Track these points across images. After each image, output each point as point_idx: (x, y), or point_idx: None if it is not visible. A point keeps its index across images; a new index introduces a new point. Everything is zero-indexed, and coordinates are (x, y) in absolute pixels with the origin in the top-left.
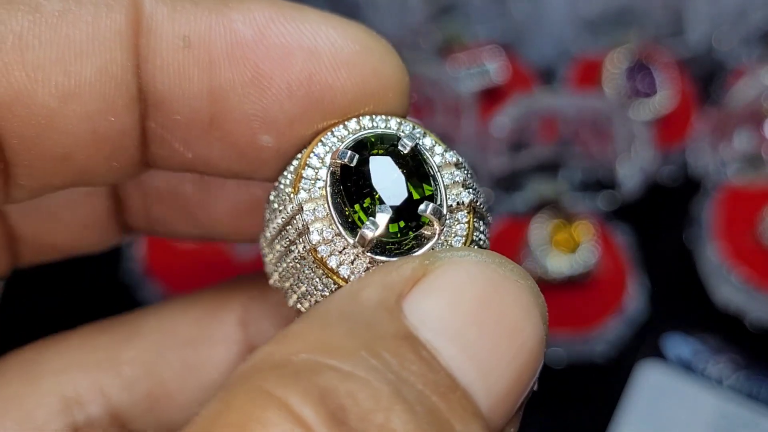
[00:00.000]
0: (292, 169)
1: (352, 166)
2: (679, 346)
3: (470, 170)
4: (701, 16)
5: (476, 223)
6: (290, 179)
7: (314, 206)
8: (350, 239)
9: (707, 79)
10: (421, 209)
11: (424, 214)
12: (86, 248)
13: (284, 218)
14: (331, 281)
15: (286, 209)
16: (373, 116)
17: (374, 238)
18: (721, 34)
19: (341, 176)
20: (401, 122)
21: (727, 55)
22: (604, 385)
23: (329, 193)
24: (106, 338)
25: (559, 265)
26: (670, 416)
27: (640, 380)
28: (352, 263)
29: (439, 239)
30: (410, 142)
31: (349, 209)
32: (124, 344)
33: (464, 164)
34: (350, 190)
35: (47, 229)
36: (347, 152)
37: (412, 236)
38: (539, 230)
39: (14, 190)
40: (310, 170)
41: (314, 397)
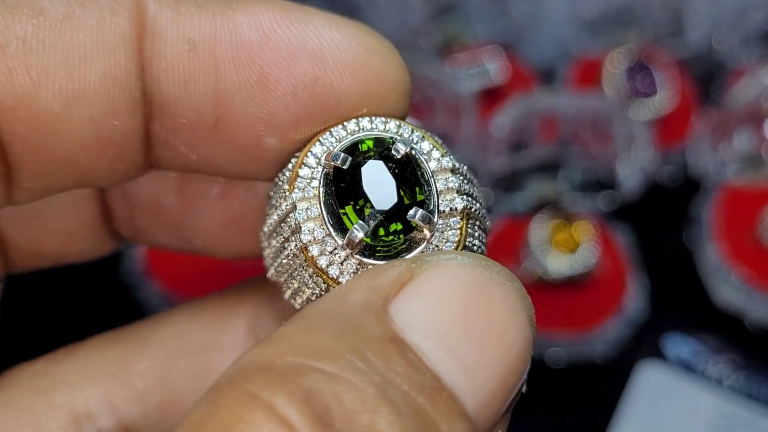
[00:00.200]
0: (290, 166)
1: (344, 168)
2: (679, 346)
3: (469, 176)
4: (701, 16)
5: (470, 229)
6: (288, 177)
7: (307, 205)
8: (340, 240)
9: (707, 79)
10: (409, 215)
11: (412, 219)
12: (76, 256)
13: (279, 215)
14: (320, 280)
15: (281, 206)
16: (372, 118)
17: (361, 241)
18: (721, 34)
19: (334, 178)
20: (400, 125)
21: (727, 55)
22: (604, 385)
23: (322, 193)
24: (116, 350)
25: (559, 265)
26: (670, 416)
27: (640, 380)
28: (341, 264)
29: (429, 244)
30: (403, 146)
31: (340, 211)
32: (135, 356)
33: (461, 170)
34: (342, 192)
35: (37, 234)
36: (340, 155)
37: (402, 240)
38: (539, 230)
39: (17, 192)
40: (306, 169)
41: (299, 398)
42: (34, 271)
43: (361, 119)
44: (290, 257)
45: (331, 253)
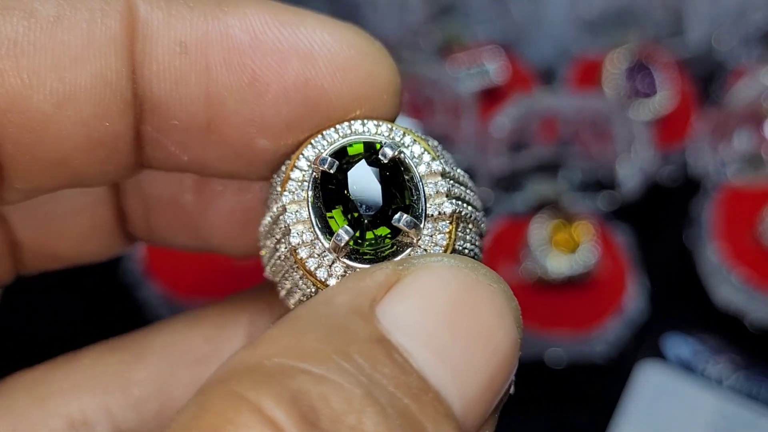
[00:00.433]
0: (284, 168)
1: (331, 173)
2: (678, 346)
3: (462, 179)
4: (701, 16)
5: (461, 232)
6: (281, 178)
7: (297, 208)
8: (327, 244)
9: (707, 79)
10: (394, 219)
11: (397, 224)
12: (89, 257)
13: (272, 216)
14: (310, 282)
15: (273, 208)
16: (365, 121)
17: (347, 245)
18: (721, 34)
19: (322, 182)
20: (392, 128)
21: (727, 55)
22: (604, 385)
23: (310, 197)
24: (115, 358)
25: (559, 265)
26: (670, 416)
27: (640, 380)
28: (329, 267)
29: (417, 248)
30: (390, 151)
31: (328, 214)
32: (133, 364)
33: (452, 173)
34: (330, 195)
35: (50, 237)
36: (327, 159)
37: (389, 244)
38: (539, 230)
39: (7, 192)
40: (297, 172)
41: (286, 399)
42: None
43: (353, 122)
44: (282, 259)
45: (319, 255)
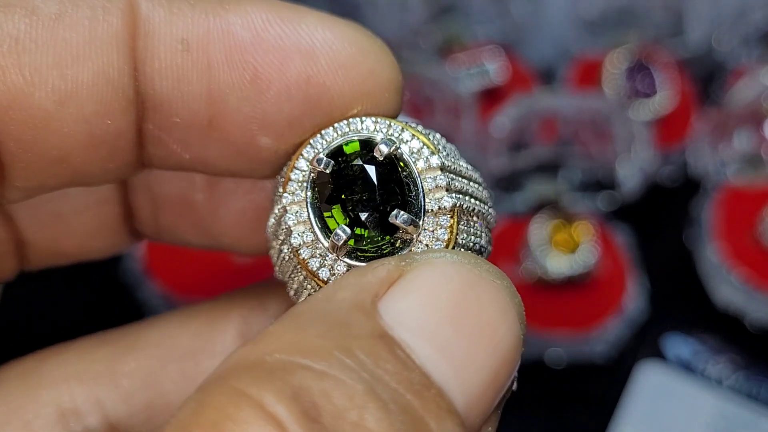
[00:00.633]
0: (284, 169)
1: (327, 173)
2: (678, 346)
3: (466, 173)
4: (701, 16)
5: (463, 225)
6: (282, 179)
7: (297, 209)
8: (327, 243)
9: (707, 79)
10: (391, 217)
11: (394, 221)
12: (94, 253)
13: (275, 218)
14: (313, 282)
15: (275, 209)
16: (363, 118)
17: (345, 244)
18: (721, 34)
19: (319, 182)
20: (391, 124)
21: (727, 55)
22: (604, 385)
23: (309, 197)
24: (105, 350)
25: (558, 265)
26: (670, 416)
27: (640, 380)
28: (332, 267)
29: (419, 243)
30: (386, 147)
31: (326, 214)
32: (123, 357)
33: (454, 167)
34: (328, 195)
35: (56, 235)
36: (323, 159)
37: (389, 240)
38: (539, 230)
39: (9, 190)
40: (297, 173)
41: (287, 395)
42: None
43: (352, 121)
44: (286, 260)
45: (321, 256)
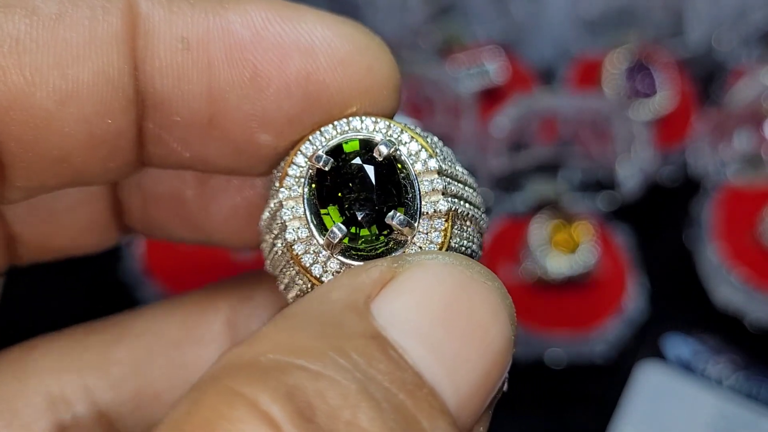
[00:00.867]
0: (282, 164)
1: (326, 170)
2: (678, 346)
3: (461, 177)
4: (701, 16)
5: (457, 230)
6: (279, 174)
7: (293, 204)
8: (322, 240)
9: (707, 79)
10: (387, 217)
11: (390, 222)
12: (83, 249)
13: (270, 212)
14: (305, 278)
15: (271, 203)
16: (363, 118)
17: (340, 242)
18: (721, 34)
19: (318, 178)
20: (390, 125)
21: (727, 55)
22: (604, 385)
23: (306, 193)
24: (94, 339)
25: (558, 265)
26: (670, 416)
27: (640, 380)
28: (324, 264)
29: (412, 245)
30: (385, 148)
31: (322, 211)
32: (112, 345)
33: (450, 171)
34: (326, 192)
35: (46, 230)
36: (322, 156)
37: (383, 241)
38: (539, 230)
39: (9, 191)
40: (295, 168)
41: (282, 395)
42: (34, 268)
43: (352, 119)
44: (279, 254)
45: (314, 252)
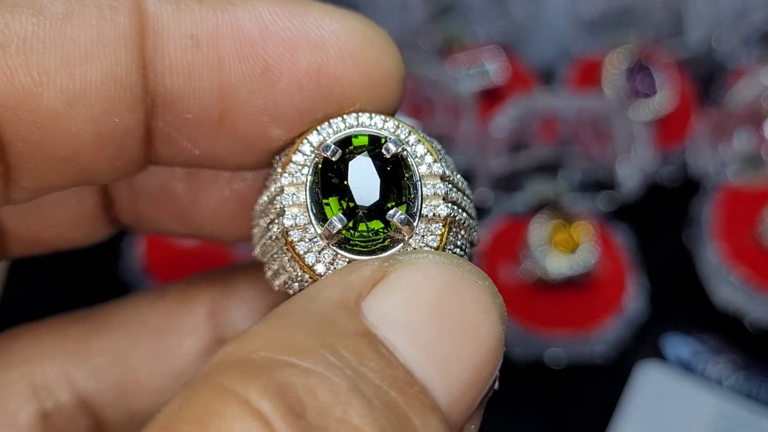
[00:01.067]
0: (286, 150)
1: (333, 160)
2: (678, 346)
3: (461, 186)
4: (701, 16)
5: (452, 237)
6: (282, 160)
7: (294, 191)
8: (319, 230)
9: (707, 79)
10: (389, 214)
11: (391, 219)
12: (73, 242)
13: (269, 196)
14: (297, 266)
15: (271, 188)
16: (372, 114)
17: (338, 233)
18: (721, 34)
19: (323, 168)
20: (399, 125)
21: (726, 55)
22: (604, 385)
23: (309, 181)
24: (76, 328)
25: (558, 265)
26: (669, 416)
27: (639, 380)
28: (319, 253)
29: (407, 246)
30: (394, 147)
31: (324, 201)
32: (93, 334)
33: (452, 178)
34: (329, 183)
35: (35, 223)
36: (331, 146)
37: (381, 238)
38: (539, 231)
39: (15, 191)
40: (300, 156)
41: (273, 392)
42: (33, 268)
43: (361, 114)
44: (273, 239)
45: (310, 240)
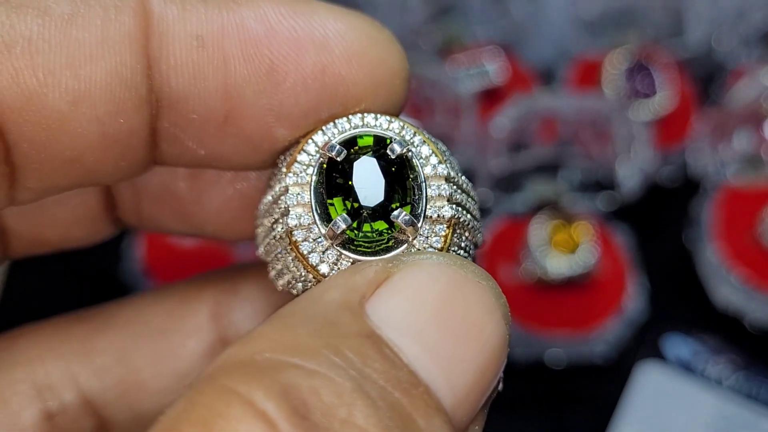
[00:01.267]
0: (291, 150)
1: (338, 160)
2: (678, 346)
3: (465, 187)
4: (701, 16)
5: (456, 238)
6: (287, 160)
7: (299, 191)
8: (323, 230)
9: (707, 79)
10: (393, 215)
11: (395, 220)
12: (76, 242)
13: (273, 196)
14: (300, 266)
15: (275, 187)
16: (377, 115)
17: (343, 233)
18: (720, 34)
19: (328, 168)
20: (404, 126)
21: (726, 55)
22: (604, 385)
23: (313, 181)
24: (79, 328)
25: (558, 265)
26: (669, 417)
27: (639, 381)
28: (323, 253)
29: (411, 247)
30: (399, 147)
31: (328, 201)
32: (97, 334)
33: (457, 179)
34: (334, 183)
35: (38, 223)
36: (336, 146)
37: (385, 239)
38: (539, 231)
39: (20, 192)
40: (304, 156)
41: (277, 393)
42: (34, 269)
43: (366, 114)
44: (277, 238)
45: (314, 240)
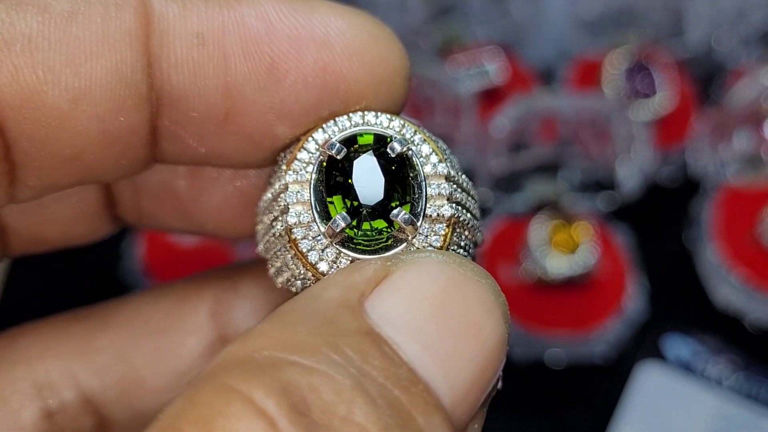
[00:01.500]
0: (291, 148)
1: (338, 158)
2: (678, 346)
3: (466, 186)
4: (701, 16)
5: (456, 237)
6: (287, 157)
7: (298, 189)
8: (323, 228)
9: (707, 79)
10: (393, 214)
11: (395, 219)
12: (75, 240)
13: (273, 193)
14: (300, 263)
15: (275, 185)
16: (378, 113)
17: (342, 231)
18: (720, 34)
19: (328, 166)
20: (404, 125)
21: (726, 55)
22: (603, 385)
23: (313, 179)
24: (79, 326)
25: (558, 265)
26: (669, 417)
27: (639, 381)
28: (322, 251)
29: (410, 245)
30: (399, 146)
31: (328, 199)
32: (97, 332)
33: (457, 178)
34: (333, 181)
35: (38, 221)
36: (336, 145)
37: (384, 237)
38: (539, 231)
39: (20, 190)
40: (305, 153)
41: (277, 390)
42: (34, 268)
43: (367, 113)
44: (276, 236)
45: (313, 238)
